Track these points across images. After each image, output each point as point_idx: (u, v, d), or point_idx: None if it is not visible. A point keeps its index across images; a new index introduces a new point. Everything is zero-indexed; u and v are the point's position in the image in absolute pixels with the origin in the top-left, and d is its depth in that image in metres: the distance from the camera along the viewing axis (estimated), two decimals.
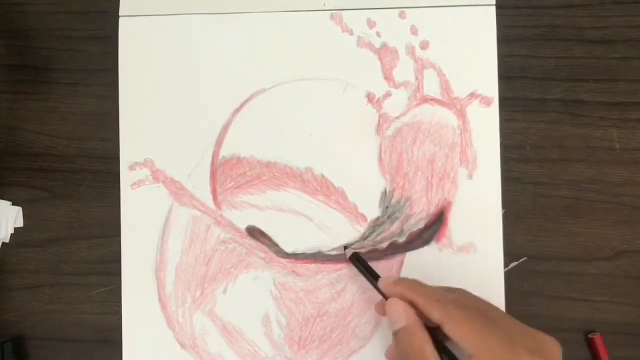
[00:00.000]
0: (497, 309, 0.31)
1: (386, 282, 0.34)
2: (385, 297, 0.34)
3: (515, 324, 0.30)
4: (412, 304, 0.32)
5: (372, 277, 0.36)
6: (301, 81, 0.40)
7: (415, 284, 0.33)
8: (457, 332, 0.30)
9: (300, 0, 0.40)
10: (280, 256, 0.39)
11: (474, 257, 0.38)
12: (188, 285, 0.40)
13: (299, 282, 0.39)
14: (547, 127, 0.39)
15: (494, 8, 0.39)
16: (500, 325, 0.30)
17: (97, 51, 0.42)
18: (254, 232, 0.40)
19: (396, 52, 0.39)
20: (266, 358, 0.39)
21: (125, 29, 0.41)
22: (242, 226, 0.40)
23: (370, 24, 0.40)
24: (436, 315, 0.30)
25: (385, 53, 0.40)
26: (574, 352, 0.38)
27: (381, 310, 0.35)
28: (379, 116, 0.39)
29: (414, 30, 0.39)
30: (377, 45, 0.40)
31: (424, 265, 0.38)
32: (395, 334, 0.32)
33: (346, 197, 0.39)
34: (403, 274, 0.39)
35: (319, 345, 0.39)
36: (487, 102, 0.39)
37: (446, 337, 0.30)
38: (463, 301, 0.31)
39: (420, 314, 0.31)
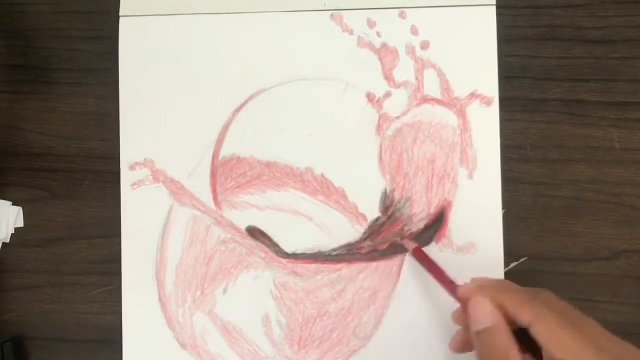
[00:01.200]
0: (584, 315, 0.30)
1: (471, 285, 0.32)
2: (460, 299, 0.33)
3: (604, 332, 0.29)
4: (499, 305, 0.30)
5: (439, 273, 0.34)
6: (301, 81, 0.40)
7: (504, 285, 0.32)
8: (547, 334, 0.29)
9: (300, 0, 0.40)
10: (280, 256, 0.39)
11: (474, 257, 0.38)
12: (188, 285, 0.40)
13: (299, 282, 0.39)
14: (547, 127, 0.39)
15: (494, 8, 0.39)
16: (590, 332, 0.29)
17: (97, 51, 0.42)
18: (254, 232, 0.40)
19: (396, 52, 0.39)
20: (266, 358, 0.39)
21: (125, 29, 0.41)
22: (242, 226, 0.40)
23: (370, 24, 0.40)
24: (527, 316, 0.29)
25: (385, 53, 0.40)
26: None
27: (459, 318, 0.34)
28: (379, 116, 0.39)
29: (414, 30, 0.39)
30: (377, 45, 0.40)
31: None
32: (479, 334, 0.30)
33: (346, 197, 0.39)
34: (403, 274, 0.39)
35: (319, 345, 0.39)
36: (487, 102, 0.39)
37: (528, 345, 0.29)
38: (552, 303, 0.30)
39: (505, 316, 0.30)
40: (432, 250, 0.38)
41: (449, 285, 0.34)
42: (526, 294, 0.31)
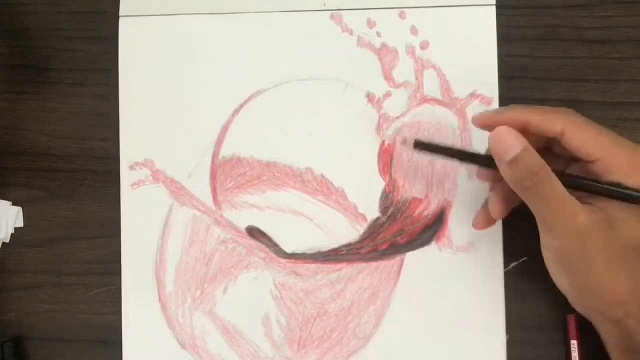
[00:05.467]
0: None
1: (490, 114, 0.32)
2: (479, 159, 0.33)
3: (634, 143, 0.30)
4: (523, 124, 0.30)
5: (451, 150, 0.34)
6: (301, 81, 0.40)
7: (524, 106, 0.31)
8: (582, 136, 0.29)
9: (300, 0, 0.40)
10: (280, 256, 0.39)
11: (474, 257, 0.38)
12: (188, 285, 0.40)
13: (299, 282, 0.39)
14: None
15: (494, 8, 0.39)
16: (621, 137, 0.30)
17: (97, 51, 0.42)
18: (254, 232, 0.40)
19: (396, 52, 0.39)
20: (266, 358, 0.39)
21: (125, 29, 0.41)
22: (242, 226, 0.40)
23: (370, 24, 0.40)
24: (558, 123, 0.29)
25: (385, 53, 0.40)
26: None
27: (483, 218, 0.34)
28: (379, 116, 0.39)
29: (414, 30, 0.39)
30: (377, 45, 0.40)
31: (424, 265, 0.38)
32: (512, 162, 0.29)
33: (346, 197, 0.39)
34: (403, 274, 0.39)
35: (319, 345, 0.39)
36: (487, 102, 0.39)
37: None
38: (578, 114, 0.31)
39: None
40: (432, 250, 0.38)
41: (465, 156, 0.33)
42: (548, 107, 0.31)
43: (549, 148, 0.33)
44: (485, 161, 0.33)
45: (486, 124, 0.32)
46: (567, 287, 0.32)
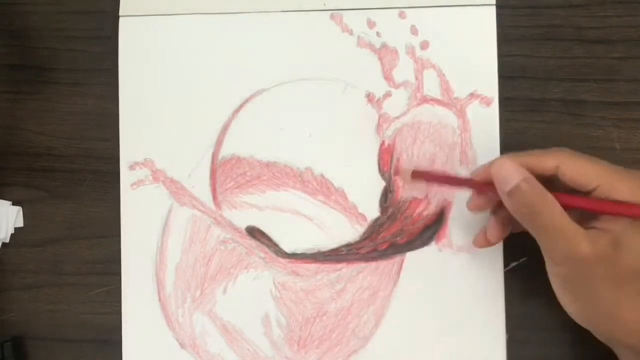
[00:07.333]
0: None
1: (488, 167, 0.32)
2: (477, 184, 0.33)
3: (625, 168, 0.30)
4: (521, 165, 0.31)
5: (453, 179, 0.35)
6: (301, 81, 0.40)
7: (518, 153, 0.32)
8: (577, 167, 0.29)
9: (300, 0, 0.40)
10: (280, 256, 0.39)
11: (474, 257, 0.38)
12: (188, 285, 0.40)
13: (299, 282, 0.39)
14: (547, 127, 0.39)
15: (494, 8, 0.39)
16: (614, 165, 0.30)
17: (97, 51, 0.42)
18: (254, 232, 0.40)
19: (396, 52, 0.39)
20: (266, 358, 0.39)
21: (125, 29, 0.41)
22: (242, 226, 0.40)
23: (370, 24, 0.40)
24: (550, 162, 0.30)
25: (385, 53, 0.40)
26: (576, 352, 0.38)
27: (475, 204, 0.34)
28: (379, 116, 0.39)
29: (414, 31, 0.39)
30: (377, 45, 0.40)
31: (424, 265, 0.38)
32: (511, 193, 0.30)
33: (346, 197, 0.39)
34: (403, 274, 0.39)
35: (319, 345, 0.39)
36: (487, 102, 0.39)
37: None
38: (572, 150, 0.31)
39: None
40: (432, 250, 0.38)
41: (463, 182, 0.34)
42: (542, 149, 0.31)
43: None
44: (480, 187, 0.33)
45: (485, 177, 0.33)
46: (575, 313, 0.31)
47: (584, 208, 0.30)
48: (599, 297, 0.30)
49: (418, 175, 0.36)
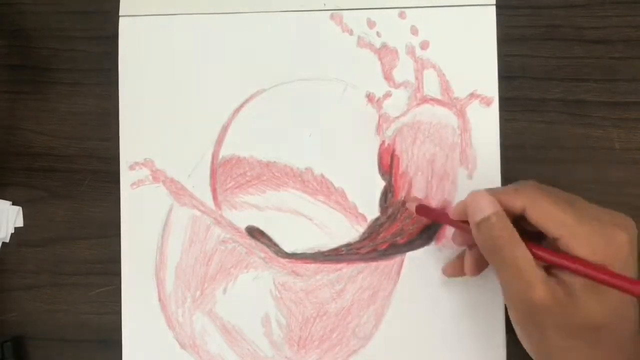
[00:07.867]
0: (572, 195, 0.31)
1: (463, 201, 0.32)
2: (456, 223, 0.33)
3: (595, 206, 0.30)
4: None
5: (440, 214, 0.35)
6: (301, 81, 0.40)
7: (494, 188, 0.32)
8: (543, 215, 0.29)
9: (300, 0, 0.40)
10: (280, 256, 0.39)
11: None
12: (188, 285, 0.40)
13: (299, 282, 0.39)
14: (547, 127, 0.39)
15: (494, 8, 0.39)
16: (580, 206, 0.30)
17: (97, 51, 0.42)
18: (254, 232, 0.40)
19: (396, 52, 0.39)
20: (266, 358, 0.39)
21: (125, 29, 0.41)
22: (242, 226, 0.40)
23: (370, 24, 0.40)
24: (519, 202, 0.30)
25: (385, 53, 0.40)
26: None
27: (456, 238, 0.35)
28: (379, 116, 0.39)
29: (414, 31, 0.39)
30: (377, 45, 0.40)
31: (424, 265, 0.38)
32: (479, 224, 0.30)
33: (346, 198, 0.39)
34: (403, 274, 0.39)
35: (319, 345, 0.39)
36: (487, 102, 0.39)
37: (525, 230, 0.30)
38: (542, 188, 0.31)
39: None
40: (432, 250, 0.38)
41: (457, 225, 0.34)
42: (515, 184, 0.31)
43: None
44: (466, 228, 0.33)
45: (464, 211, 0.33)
46: (528, 350, 0.32)
47: (544, 260, 0.29)
48: (546, 344, 0.30)
49: (421, 210, 0.37)
